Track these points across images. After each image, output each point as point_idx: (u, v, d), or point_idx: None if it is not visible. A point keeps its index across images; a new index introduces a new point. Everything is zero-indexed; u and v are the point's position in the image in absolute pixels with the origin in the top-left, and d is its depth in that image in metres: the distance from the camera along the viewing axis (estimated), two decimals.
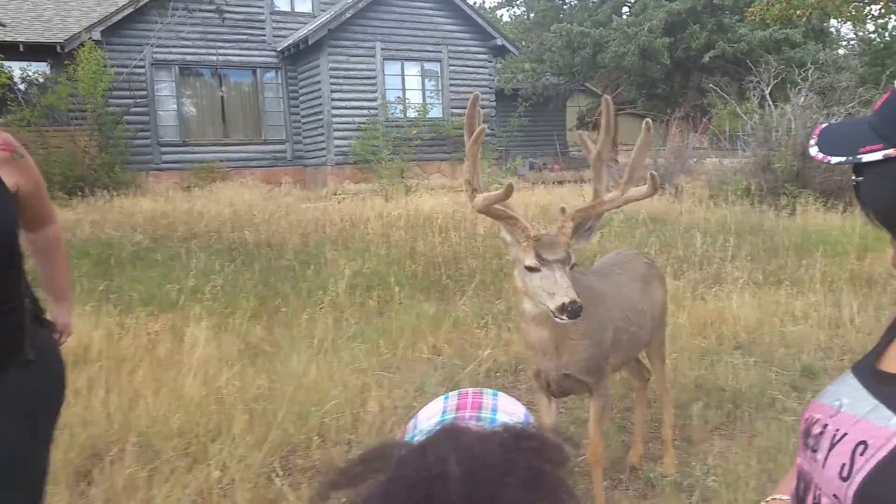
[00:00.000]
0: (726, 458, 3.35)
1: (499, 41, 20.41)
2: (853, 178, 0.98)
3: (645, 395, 3.55)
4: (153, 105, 18.58)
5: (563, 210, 2.66)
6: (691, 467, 3.26)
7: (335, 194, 14.63)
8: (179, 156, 18.72)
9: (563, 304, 2.30)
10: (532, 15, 29.34)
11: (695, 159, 15.10)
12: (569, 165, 24.26)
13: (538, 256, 2.42)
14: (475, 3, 41.90)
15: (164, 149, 18.71)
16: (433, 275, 6.91)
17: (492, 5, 46.33)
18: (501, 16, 39.48)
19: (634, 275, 3.21)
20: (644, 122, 2.78)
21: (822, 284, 6.28)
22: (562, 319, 2.32)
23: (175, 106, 18.93)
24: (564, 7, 28.01)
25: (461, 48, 20.14)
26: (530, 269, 2.43)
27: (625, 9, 26.46)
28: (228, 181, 17.32)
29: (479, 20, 20.49)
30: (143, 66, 18.27)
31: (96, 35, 17.07)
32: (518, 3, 31.63)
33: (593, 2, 27.25)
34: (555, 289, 2.35)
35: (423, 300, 5.98)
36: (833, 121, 12.03)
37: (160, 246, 8.14)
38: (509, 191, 2.42)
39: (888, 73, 16.58)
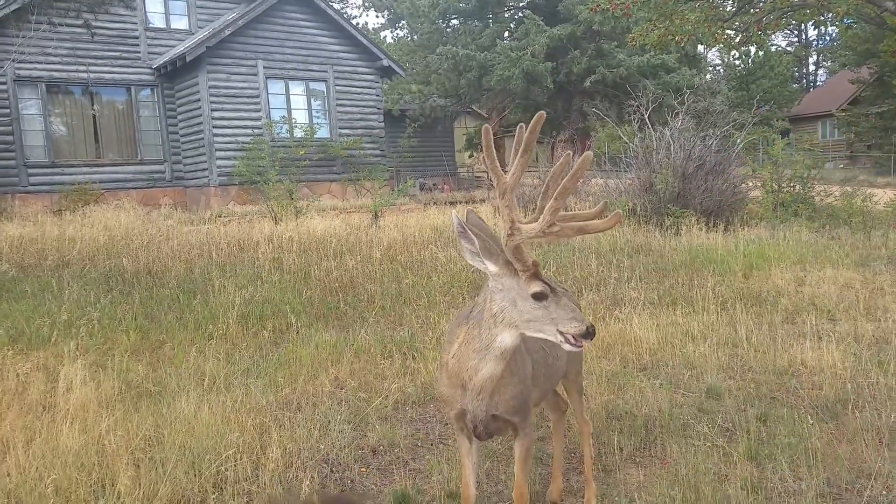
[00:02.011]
0: (646, 489, 3.27)
1: (385, 62, 20.38)
2: None
3: (562, 426, 3.44)
4: (17, 124, 17.23)
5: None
6: (613, 500, 3.17)
7: (220, 216, 13.98)
8: (49, 177, 17.46)
9: (588, 328, 2.26)
10: (416, 37, 29.51)
11: (582, 180, 15.51)
12: (458, 186, 24.47)
13: (548, 285, 2.30)
14: (359, 24, 41.97)
15: (31, 170, 17.39)
16: (330, 301, 6.62)
17: (375, 26, 46.46)
18: (385, 37, 39.55)
19: None
20: (585, 154, 2.57)
21: (714, 304, 6.45)
22: (579, 345, 2.29)
23: (43, 125, 17.64)
24: (448, 30, 28.35)
25: (347, 68, 19.95)
26: (540, 296, 2.29)
27: (507, 33, 27.09)
28: (103, 203, 16.26)
29: (364, 41, 20.40)
30: (3, 83, 16.93)
31: None
32: (401, 25, 31.74)
33: (476, 25, 27.75)
34: (572, 314, 2.29)
35: (321, 329, 5.68)
36: (708, 142, 12.70)
37: (29, 276, 7.42)
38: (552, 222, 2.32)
39: (757, 98, 17.75)
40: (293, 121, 19.03)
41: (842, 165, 33.69)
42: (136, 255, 8.36)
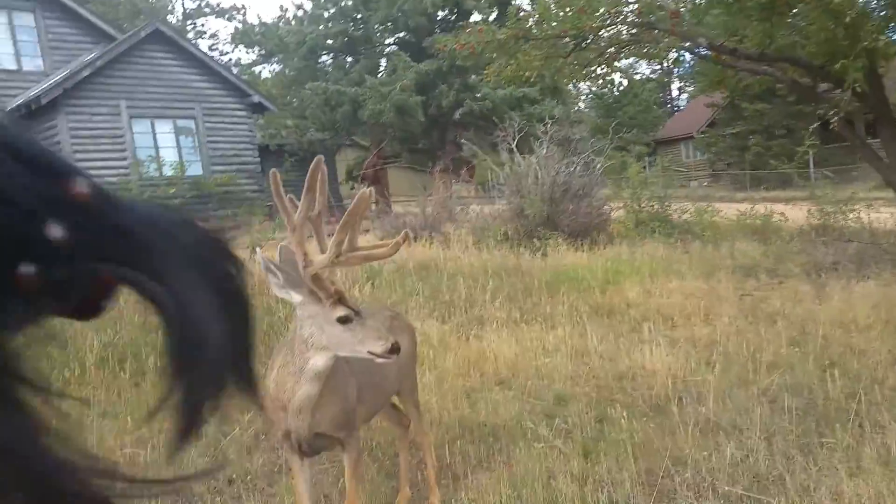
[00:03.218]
0: (488, 490, 3.52)
1: (255, 98, 20.32)
2: None
3: (406, 440, 3.64)
4: None
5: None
6: (457, 502, 3.39)
7: None
8: None
9: (392, 345, 2.47)
10: (289, 72, 29.57)
11: (460, 207, 16.00)
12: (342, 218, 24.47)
13: (352, 309, 2.51)
14: (229, 60, 41.49)
15: None
16: None
17: (248, 62, 46.04)
18: (260, 72, 39.29)
19: None
20: (361, 192, 2.64)
21: (568, 318, 6.88)
22: (388, 359, 2.50)
23: None
24: (319, 66, 28.58)
25: (216, 105, 19.73)
26: (345, 320, 2.49)
27: (379, 68, 27.63)
28: None
29: (231, 78, 20.27)
30: None
31: None
32: (274, 60, 31.71)
33: (347, 61, 28.11)
34: (375, 334, 2.50)
35: None
36: (572, 168, 13.46)
37: None
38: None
39: (614, 124, 18.94)
40: (161, 159, 18.57)
41: (705, 184, 36.02)
42: None
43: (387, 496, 3.58)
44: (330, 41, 26.76)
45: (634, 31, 9.84)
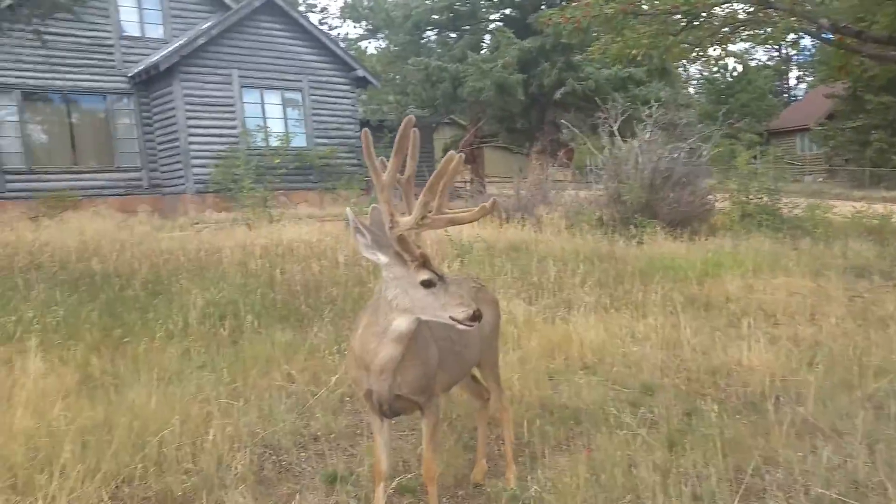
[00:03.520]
0: (565, 473, 3.49)
1: (360, 73, 20.65)
2: None
3: (485, 414, 3.65)
4: None
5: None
6: (531, 481, 3.38)
7: (195, 223, 14.12)
8: (26, 184, 17.55)
9: (474, 312, 2.46)
10: (394, 48, 29.85)
11: (554, 191, 15.81)
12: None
13: (434, 272, 2.51)
14: (337, 34, 42.31)
15: (8, 177, 17.47)
16: (292, 303, 6.81)
17: (354, 37, 46.80)
18: (366, 48, 39.88)
19: None
20: (458, 154, 2.77)
21: (661, 308, 6.70)
22: (469, 326, 2.49)
23: (19, 132, 17.71)
24: (423, 41, 28.71)
25: (322, 78, 20.18)
26: (428, 283, 2.50)
27: (482, 45, 27.49)
28: (81, 210, 16.33)
29: (339, 51, 20.68)
30: None
31: None
32: (380, 36, 32.06)
33: (451, 38, 28.10)
34: (458, 300, 2.48)
35: (279, 329, 5.87)
36: (675, 154, 13.03)
37: None
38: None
39: (723, 111, 18.20)
40: (268, 129, 19.21)
41: (820, 179, 34.26)
42: (105, 258, 8.50)
43: (463, 468, 3.61)
44: (435, 16, 26.82)
45: (752, 9, 9.35)
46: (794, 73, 60.76)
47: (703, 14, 9.53)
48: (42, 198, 17.09)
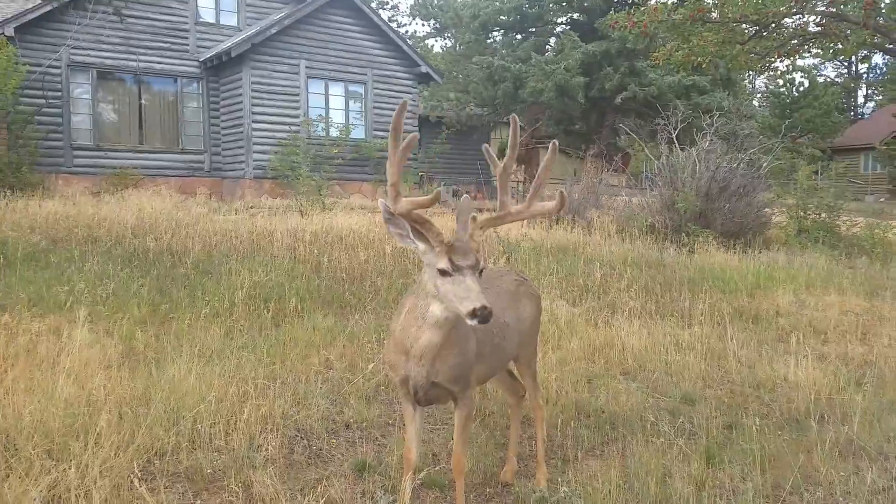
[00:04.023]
0: (597, 478, 3.43)
1: (423, 69, 20.72)
2: None
3: (519, 411, 3.61)
4: (67, 107, 17.95)
5: (473, 219, 2.69)
6: (560, 484, 3.33)
7: (250, 208, 14.38)
8: (92, 160, 18.12)
9: (475, 308, 2.37)
10: (459, 47, 29.95)
11: (607, 195, 15.59)
12: (491, 194, 24.62)
13: (451, 261, 2.47)
14: (404, 31, 42.61)
15: (76, 152, 18.07)
16: (336, 290, 6.87)
17: (422, 34, 47.10)
18: (432, 46, 40.06)
19: (501, 289, 3.28)
20: (551, 143, 2.92)
21: (708, 318, 6.55)
22: (473, 323, 2.40)
23: (90, 109, 18.32)
24: (489, 41, 28.70)
25: (386, 72, 20.33)
26: (443, 272, 2.49)
27: (547, 47, 27.36)
28: (142, 189, 16.80)
29: (405, 47, 20.77)
30: (58, 67, 17.65)
31: (9, 31, 16.46)
32: (447, 35, 32.20)
33: (516, 39, 28.01)
34: (467, 293, 2.42)
35: (321, 314, 5.93)
36: (734, 165, 12.71)
37: (57, 248, 7.81)
38: (436, 197, 2.54)
39: (786, 123, 17.68)
40: (330, 120, 19.45)
41: (882, 199, 33.03)
42: (161, 236, 8.72)
43: (493, 465, 3.58)
44: (503, 17, 26.80)
45: (823, 21, 9.05)
46: (862, 91, 58.71)
47: (773, 24, 9.25)
48: (106, 174, 17.63)
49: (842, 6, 8.80)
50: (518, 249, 8.91)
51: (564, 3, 26.50)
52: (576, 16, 26.92)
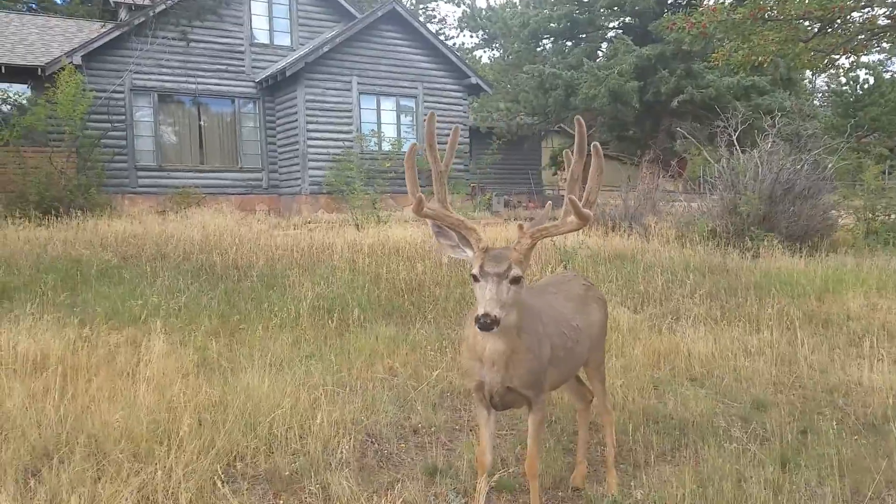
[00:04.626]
0: (669, 483, 3.39)
1: (473, 80, 20.84)
2: None
3: (587, 416, 3.60)
4: (131, 130, 18.65)
5: (520, 227, 2.73)
6: (634, 489, 3.31)
7: (308, 223, 14.65)
8: (155, 180, 18.77)
9: (477, 315, 2.42)
10: (508, 57, 30.00)
11: (664, 202, 15.37)
12: (543, 203, 24.54)
13: (481, 267, 2.51)
14: (452, 44, 42.94)
15: (140, 173, 18.74)
16: (396, 301, 6.95)
17: (470, 46, 47.36)
18: (480, 57, 40.25)
19: (570, 294, 3.31)
20: (592, 145, 2.88)
21: (777, 322, 6.40)
22: (476, 328, 2.45)
23: (152, 131, 18.99)
24: (539, 50, 28.63)
25: (436, 85, 20.52)
26: (474, 278, 2.55)
27: (599, 52, 27.17)
28: (204, 207, 17.30)
29: (454, 59, 20.94)
30: (122, 91, 18.38)
31: (77, 59, 17.23)
32: (496, 45, 32.29)
33: (566, 46, 27.88)
34: (481, 299, 2.48)
35: (383, 324, 6.01)
36: (798, 167, 12.39)
37: (128, 265, 8.12)
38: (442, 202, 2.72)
39: (852, 122, 17.12)
40: (382, 134, 19.71)
41: None
42: (225, 251, 8.97)
43: (562, 469, 3.57)
44: (553, 24, 26.70)
45: (893, 13, 8.73)
46: None
47: (839, 19, 8.98)
48: (169, 194, 18.23)
49: None
50: (575, 257, 8.86)
51: (616, 8, 26.29)
52: (628, 20, 26.67)
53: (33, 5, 33.80)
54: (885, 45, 9.98)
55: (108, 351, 4.66)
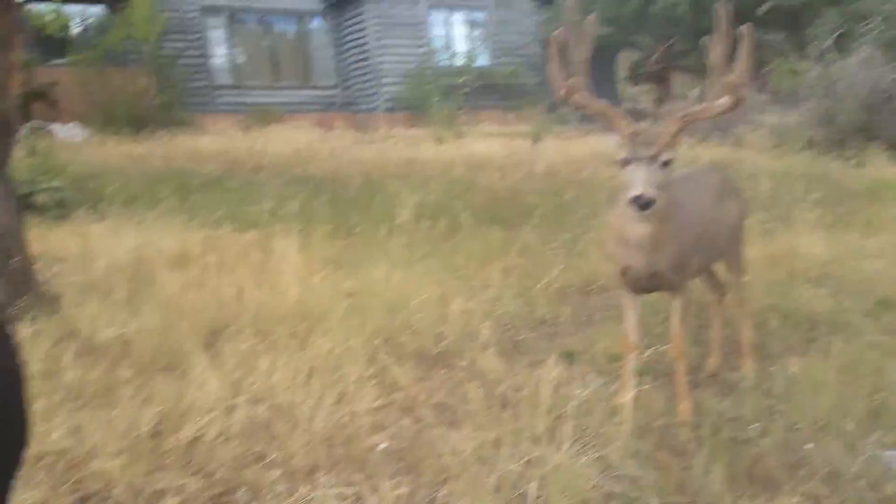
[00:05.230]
0: (805, 371, 3.40)
1: None
2: None
3: (720, 309, 3.63)
4: (205, 49, 18.82)
5: (670, 111, 2.73)
6: (770, 374, 3.34)
7: (390, 138, 14.73)
8: (234, 98, 19.01)
9: (632, 196, 2.44)
10: None
11: (755, 111, 14.79)
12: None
13: (632, 150, 2.52)
14: None
15: (218, 91, 19.00)
16: (495, 208, 7.00)
17: None
18: None
19: (708, 185, 3.33)
20: (745, 25, 2.78)
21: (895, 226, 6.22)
22: (632, 210, 2.49)
23: (226, 51, 19.15)
24: None
25: None
26: (623, 162, 2.56)
27: None
28: (283, 124, 17.49)
29: None
30: (194, 10, 18.48)
31: None
32: None
33: None
34: (632, 182, 2.48)
35: (490, 229, 6.07)
36: None
37: (232, 176, 8.36)
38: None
39: None
40: (454, 49, 19.40)
41: None
42: (321, 164, 9.13)
43: (695, 359, 3.61)
44: None
45: None
46: None
47: None
48: (248, 111, 18.47)
49: None
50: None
51: None
52: None
53: None
54: None
55: (241, 249, 4.87)
